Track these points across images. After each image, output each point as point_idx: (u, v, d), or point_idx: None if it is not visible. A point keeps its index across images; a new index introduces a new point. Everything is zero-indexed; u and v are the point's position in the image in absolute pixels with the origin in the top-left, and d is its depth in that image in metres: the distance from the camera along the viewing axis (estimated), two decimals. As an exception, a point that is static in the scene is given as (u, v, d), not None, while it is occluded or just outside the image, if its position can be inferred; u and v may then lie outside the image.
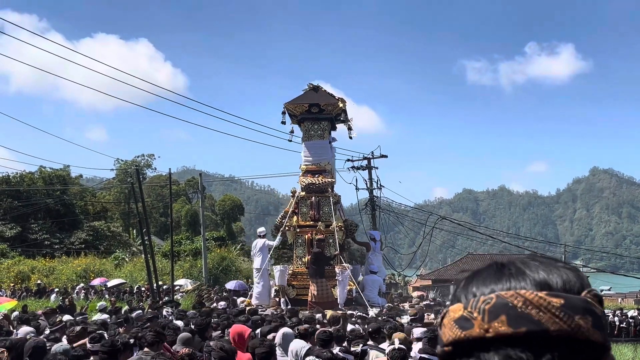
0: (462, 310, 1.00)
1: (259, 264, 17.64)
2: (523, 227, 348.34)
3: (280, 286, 17.28)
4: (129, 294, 30.97)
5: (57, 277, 41.02)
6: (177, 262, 39.39)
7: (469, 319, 0.99)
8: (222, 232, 68.36)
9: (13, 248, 50.47)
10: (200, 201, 41.92)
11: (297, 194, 18.67)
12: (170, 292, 26.06)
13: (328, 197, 18.37)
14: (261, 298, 17.33)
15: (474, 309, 0.99)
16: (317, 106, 18.67)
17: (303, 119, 19.05)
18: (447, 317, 1.03)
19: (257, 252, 17.91)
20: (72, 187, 67.81)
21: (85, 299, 30.10)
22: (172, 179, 35.57)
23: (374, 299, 17.13)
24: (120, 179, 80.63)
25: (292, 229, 18.17)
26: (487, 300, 0.98)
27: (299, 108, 18.84)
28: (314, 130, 18.97)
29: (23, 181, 60.38)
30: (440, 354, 1.03)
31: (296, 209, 18.44)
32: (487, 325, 0.96)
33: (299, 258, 18.47)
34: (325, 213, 18.38)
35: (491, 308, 0.97)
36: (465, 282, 1.08)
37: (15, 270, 41.94)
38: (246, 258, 57.12)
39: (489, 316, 0.97)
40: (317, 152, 18.75)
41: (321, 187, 18.37)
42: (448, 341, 1.01)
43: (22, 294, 31.41)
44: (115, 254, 49.94)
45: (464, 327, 0.99)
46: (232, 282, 34.25)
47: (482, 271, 1.08)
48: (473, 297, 1.01)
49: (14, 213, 55.94)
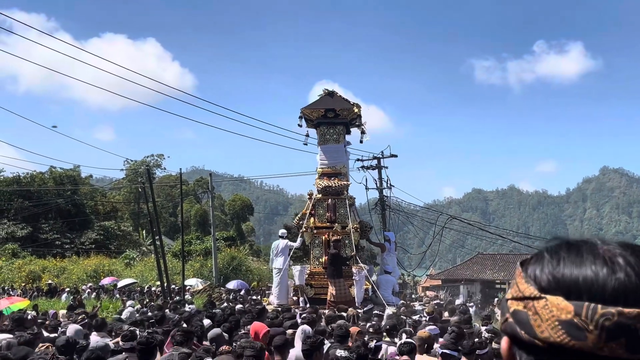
0: (571, 313, 0.90)
1: (280, 264, 18.00)
2: (533, 227, 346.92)
3: (299, 286, 17.80)
4: (139, 294, 31.07)
5: (67, 277, 41.19)
6: (188, 262, 39.50)
7: (582, 328, 0.89)
8: (232, 232, 68.50)
9: (24, 248, 50.74)
10: (211, 201, 42.04)
11: (314, 196, 19.14)
12: (181, 292, 26.14)
13: (344, 199, 18.92)
14: (280, 297, 17.76)
15: (590, 320, 0.89)
16: (333, 111, 19.25)
17: (319, 123, 19.57)
18: (545, 308, 0.93)
19: (278, 253, 18.28)
20: (82, 187, 68.09)
21: (97, 298, 30.20)
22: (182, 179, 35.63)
23: (389, 298, 17.54)
24: (130, 179, 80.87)
25: (309, 230, 18.65)
26: (608, 317, 0.88)
27: (316, 113, 19.40)
28: (329, 134, 19.50)
29: (34, 181, 60.64)
30: (524, 340, 0.95)
31: (313, 211, 18.95)
32: (604, 344, 0.88)
33: (316, 258, 18.92)
34: (341, 215, 18.89)
35: (611, 326, 0.88)
36: (563, 264, 0.96)
37: (26, 269, 42.18)
38: (255, 257, 57.25)
39: (607, 335, 0.88)
40: (332, 156, 19.31)
41: (337, 190, 18.90)
42: (547, 340, 0.92)
43: (33, 294, 31.54)
44: (126, 253, 50.08)
45: (575, 336, 0.89)
46: (233, 282, 34.53)
47: (584, 255, 0.96)
48: (578, 292, 0.91)
49: (24, 213, 56.20)
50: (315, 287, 18.22)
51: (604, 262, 0.93)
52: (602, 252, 0.95)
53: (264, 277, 43.70)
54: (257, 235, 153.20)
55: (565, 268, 0.95)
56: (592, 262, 0.93)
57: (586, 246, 0.97)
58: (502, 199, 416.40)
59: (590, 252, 0.95)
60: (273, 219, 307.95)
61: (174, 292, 25.27)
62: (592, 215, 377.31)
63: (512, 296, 1.00)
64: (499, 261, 66.04)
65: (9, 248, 48.93)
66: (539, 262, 0.99)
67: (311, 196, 19.48)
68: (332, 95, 19.99)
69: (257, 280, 41.33)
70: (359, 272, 17.32)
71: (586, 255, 0.95)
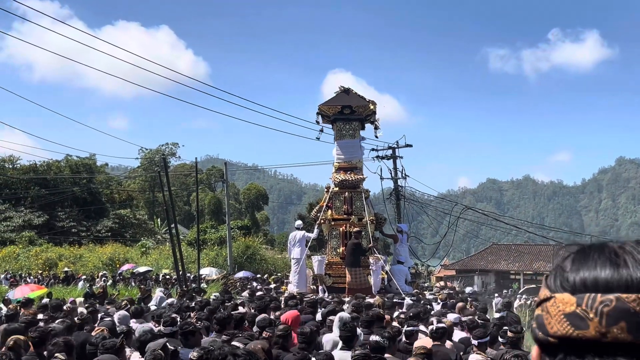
0: (574, 305, 0.95)
1: (298, 254, 18.86)
2: (548, 218, 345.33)
3: (318, 275, 18.63)
4: (154, 282, 31.29)
5: (84, 264, 41.52)
6: (203, 251, 39.69)
7: (583, 318, 0.93)
8: (246, 221, 68.72)
9: (41, 236, 51.18)
10: (226, 190, 42.14)
11: (331, 189, 20.00)
12: (196, 281, 26.30)
13: (360, 193, 19.77)
14: (299, 286, 18.55)
15: (590, 308, 0.93)
16: (349, 108, 19.98)
17: (335, 119, 20.33)
18: (553, 305, 0.98)
19: (296, 243, 19.09)
20: (98, 176, 68.53)
21: (113, 286, 30.44)
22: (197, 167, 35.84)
23: (403, 286, 18.19)
24: (144, 168, 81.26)
25: (326, 222, 19.57)
26: (606, 303, 0.92)
27: (332, 109, 20.18)
28: (345, 130, 20.24)
29: (50, 169, 61.10)
30: (541, 340, 0.99)
31: (330, 204, 19.83)
32: (605, 329, 0.91)
33: (333, 249, 19.69)
34: (357, 207, 19.67)
35: (610, 312, 0.91)
36: (573, 266, 1.01)
37: (43, 257, 42.59)
38: (269, 246, 57.43)
39: (607, 320, 0.91)
40: (348, 151, 20.10)
41: (353, 183, 19.74)
42: (555, 334, 0.96)
43: (49, 281, 31.81)
44: (142, 241, 50.39)
45: (578, 326, 0.93)
46: (240, 272, 34.85)
47: (592, 256, 1.00)
48: (584, 288, 0.96)
49: (41, 201, 56.71)
50: (333, 277, 19.03)
51: (610, 261, 0.97)
52: (612, 252, 0.99)
53: (278, 267, 43.85)
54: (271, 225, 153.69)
55: (573, 269, 1.00)
56: (598, 261, 0.98)
57: (597, 248, 1.02)
58: (517, 189, 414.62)
59: (600, 253, 1.00)
60: (287, 208, 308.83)
61: (189, 281, 25.42)
62: (608, 206, 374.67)
63: (536, 304, 1.05)
64: (513, 252, 65.82)
65: (26, 236, 49.41)
66: (555, 269, 1.04)
67: (328, 189, 20.26)
68: (348, 92, 20.71)
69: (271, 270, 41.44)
70: (376, 262, 18.16)
71: (595, 256, 0.99)
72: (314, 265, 19.09)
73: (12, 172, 60.13)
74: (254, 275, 33.95)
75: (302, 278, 18.91)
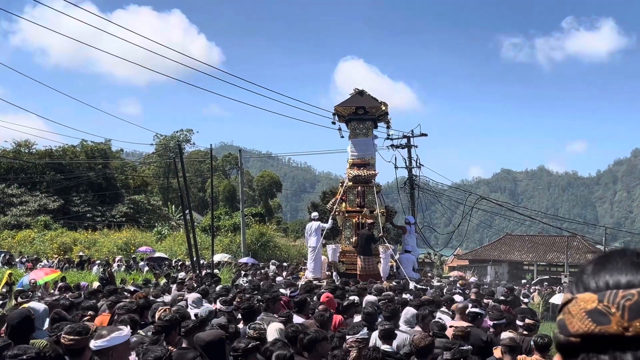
0: (595, 302, 0.95)
1: (314, 243, 20.45)
2: (562, 208, 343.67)
3: (332, 262, 20.36)
4: (168, 267, 31.42)
5: (98, 249, 41.79)
6: (217, 237, 39.80)
7: (605, 313, 0.93)
8: (260, 208, 68.86)
9: (56, 220, 51.52)
10: (240, 177, 42.21)
11: (345, 183, 21.84)
12: (210, 267, 26.40)
13: (372, 187, 21.46)
14: (315, 272, 20.21)
15: (612, 303, 0.93)
16: (363, 109, 21.82)
17: (350, 119, 22.20)
18: (575, 305, 0.98)
19: (312, 233, 20.63)
20: (113, 162, 68.83)
21: (127, 271, 30.63)
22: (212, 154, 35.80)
23: (410, 273, 19.89)
24: (159, 154, 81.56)
25: (341, 214, 21.40)
26: (628, 297, 0.92)
27: (347, 110, 22.04)
28: (359, 129, 22.10)
29: (66, 154, 61.41)
30: (563, 342, 0.99)
31: (344, 197, 21.76)
32: (627, 323, 0.91)
33: (347, 239, 21.41)
34: (369, 201, 21.37)
35: (632, 305, 0.91)
36: (595, 269, 1.01)
37: (58, 241, 42.87)
38: (283, 234, 57.55)
39: (629, 314, 0.91)
40: (362, 148, 21.97)
41: (366, 179, 21.48)
42: (577, 333, 0.96)
43: (64, 265, 32.00)
44: (157, 228, 50.62)
45: (599, 322, 0.93)
46: (244, 258, 35.05)
47: (615, 259, 1.00)
48: (607, 288, 0.96)
49: (56, 186, 57.03)
50: (346, 264, 20.61)
51: (632, 263, 0.98)
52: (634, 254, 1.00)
53: (291, 255, 43.94)
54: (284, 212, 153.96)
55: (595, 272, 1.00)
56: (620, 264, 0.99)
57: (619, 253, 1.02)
58: (531, 179, 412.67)
59: (621, 256, 1.01)
60: (300, 196, 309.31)
61: (203, 267, 25.49)
62: (623, 198, 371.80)
63: (558, 310, 1.05)
64: (527, 242, 65.69)
65: (41, 220, 49.75)
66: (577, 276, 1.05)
67: (343, 184, 22.17)
68: (362, 94, 22.61)
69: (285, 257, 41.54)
70: (385, 250, 19.81)
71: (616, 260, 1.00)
72: (328, 253, 20.68)
73: (28, 156, 60.43)
74: (255, 262, 34.05)
75: (317, 265, 20.38)
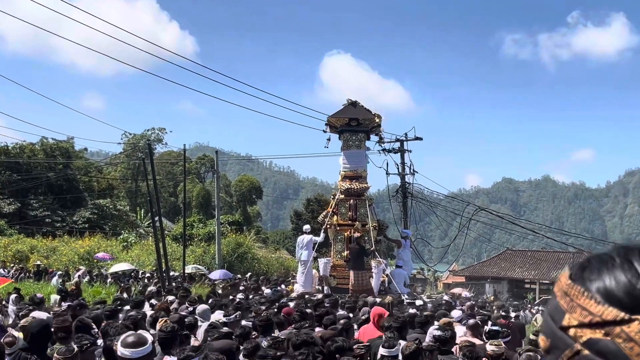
0: None
1: (305, 256, 21.67)
2: (568, 222, 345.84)
3: (323, 276, 21.55)
4: (133, 279, 31.21)
5: (57, 258, 41.41)
6: (189, 247, 39.63)
7: None
8: (238, 215, 68.70)
9: (11, 225, 51.09)
10: (216, 181, 42.07)
11: (337, 196, 23.04)
12: (180, 279, 26.28)
13: (364, 200, 22.83)
14: (305, 286, 21.23)
15: None
16: (356, 120, 23.13)
17: (342, 130, 23.38)
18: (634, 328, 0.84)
19: (303, 247, 21.84)
20: (76, 161, 68.40)
21: (89, 283, 30.38)
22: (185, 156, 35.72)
23: (401, 289, 20.78)
24: (127, 154, 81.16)
25: (332, 227, 22.54)
26: None
27: (340, 121, 23.35)
28: (352, 140, 23.34)
29: (23, 152, 60.93)
30: None
31: (336, 210, 22.92)
32: None
33: (338, 253, 22.60)
34: (361, 214, 22.65)
35: None
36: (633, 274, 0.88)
37: (13, 249, 42.45)
38: (262, 245, 57.43)
39: None
40: (354, 160, 23.19)
41: (358, 191, 22.76)
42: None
43: (19, 275, 31.69)
44: (124, 236, 50.33)
45: None
46: (217, 271, 33.87)
47: None
48: None
49: (12, 187, 56.53)
50: (338, 278, 21.84)
51: None
52: None
53: (272, 267, 43.83)
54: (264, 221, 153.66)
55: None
56: None
57: None
58: (534, 190, 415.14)
59: None
60: (282, 204, 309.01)
61: (173, 280, 25.39)
62: (634, 212, 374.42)
63: (580, 322, 0.90)
64: (529, 258, 65.84)
65: (-5, 225, 49.34)
66: (603, 274, 0.91)
67: (334, 196, 23.42)
68: (355, 105, 23.89)
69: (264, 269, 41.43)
70: (377, 265, 20.98)
71: None
72: (319, 267, 21.96)
73: (-20, 154, 60.01)
74: (229, 275, 33.15)
75: (308, 279, 21.57)
